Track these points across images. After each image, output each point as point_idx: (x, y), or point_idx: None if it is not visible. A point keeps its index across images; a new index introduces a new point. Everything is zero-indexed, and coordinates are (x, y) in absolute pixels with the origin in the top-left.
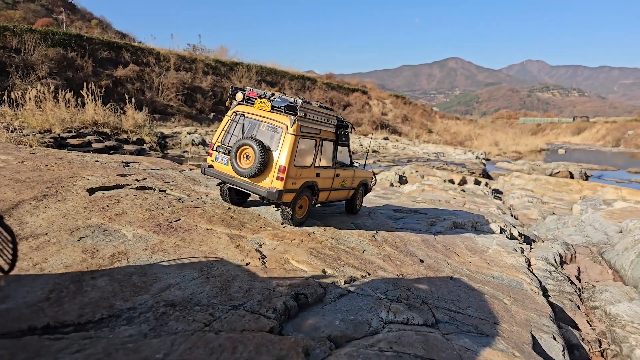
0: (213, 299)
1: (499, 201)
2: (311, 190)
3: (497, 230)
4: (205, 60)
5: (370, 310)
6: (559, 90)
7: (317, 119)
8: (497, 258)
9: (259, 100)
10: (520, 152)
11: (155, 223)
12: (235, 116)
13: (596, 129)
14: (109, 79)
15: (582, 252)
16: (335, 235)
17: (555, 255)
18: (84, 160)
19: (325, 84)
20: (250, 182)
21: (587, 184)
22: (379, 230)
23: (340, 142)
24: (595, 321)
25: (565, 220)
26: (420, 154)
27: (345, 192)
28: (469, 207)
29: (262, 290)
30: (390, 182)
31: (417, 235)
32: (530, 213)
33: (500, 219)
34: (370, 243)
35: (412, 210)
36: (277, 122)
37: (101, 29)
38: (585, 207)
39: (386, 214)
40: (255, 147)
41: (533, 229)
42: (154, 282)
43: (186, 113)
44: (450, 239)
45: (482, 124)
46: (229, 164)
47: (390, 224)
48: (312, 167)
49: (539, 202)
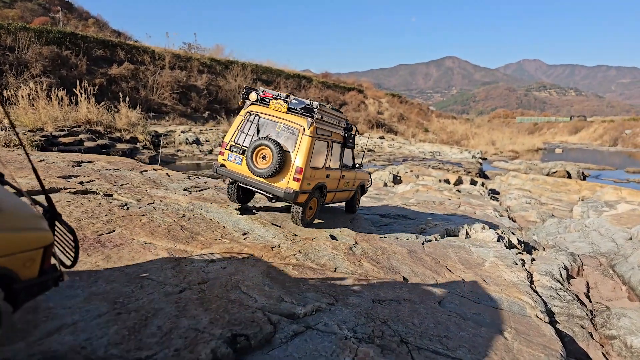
0: (113, 349)
1: (496, 202)
2: (320, 191)
3: (494, 238)
4: (201, 59)
5: (330, 358)
6: (556, 89)
7: (330, 122)
8: (495, 273)
9: (274, 101)
10: (517, 152)
11: (79, 236)
12: (250, 116)
13: (593, 129)
14: (103, 78)
15: (590, 264)
16: (305, 248)
17: (561, 268)
18: (25, 160)
19: (321, 82)
20: (267, 183)
21: (586, 184)
22: (360, 240)
23: (347, 145)
24: (614, 355)
25: (567, 224)
26: (416, 153)
27: (347, 194)
28: (464, 208)
29: (188, 331)
30: (384, 182)
31: (402, 247)
32: (528, 215)
33: (498, 223)
34: (346, 258)
35: (400, 215)
36: (294, 123)
37: (97, 28)
38: (586, 209)
39: (371, 219)
40: (273, 147)
41: (532, 233)
42: (44, 321)
43: (181, 112)
44: (442, 249)
45: (478, 123)
46: (243, 164)
47: (374, 231)
48: (324, 168)
49: (537, 203)
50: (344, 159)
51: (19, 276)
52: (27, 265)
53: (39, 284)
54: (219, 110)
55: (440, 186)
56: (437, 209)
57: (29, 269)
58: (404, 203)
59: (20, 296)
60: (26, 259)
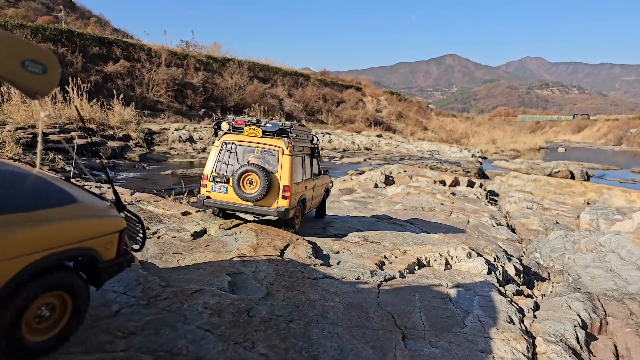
0: None
1: (494, 207)
2: (303, 202)
3: (483, 270)
4: (197, 57)
5: None
6: (559, 87)
7: (302, 138)
8: (478, 346)
9: (248, 127)
10: (518, 151)
11: None
12: (226, 145)
13: (597, 127)
14: (98, 75)
15: (617, 314)
16: (163, 322)
17: (577, 326)
18: None
19: (319, 80)
20: (257, 206)
21: (592, 185)
22: (279, 288)
23: (314, 155)
24: None
25: (575, 239)
26: (414, 151)
27: (318, 200)
28: (457, 216)
29: None
30: (375, 183)
31: (343, 296)
32: (529, 222)
33: (494, 236)
34: (232, 331)
35: (362, 237)
36: (272, 145)
37: (100, 27)
38: (595, 216)
39: (321, 243)
40: (259, 172)
41: (534, 248)
42: None
43: (176, 109)
44: (406, 295)
45: (479, 121)
46: (229, 192)
47: (310, 268)
48: (303, 181)
49: (539, 208)
50: (312, 173)
51: (102, 257)
52: (107, 247)
53: (117, 264)
54: (215, 108)
55: (434, 188)
56: (426, 215)
57: (109, 250)
58: (389, 209)
59: (102, 275)
60: (107, 241)
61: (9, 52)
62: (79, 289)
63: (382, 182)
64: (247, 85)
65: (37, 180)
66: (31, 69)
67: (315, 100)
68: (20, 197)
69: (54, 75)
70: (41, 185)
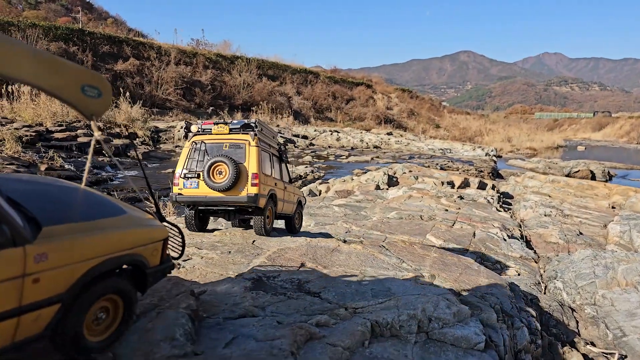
0: None
1: (506, 213)
2: (273, 200)
3: (478, 342)
4: (207, 55)
5: None
6: (578, 84)
7: (268, 135)
8: None
9: (215, 127)
10: (535, 149)
11: None
12: (196, 144)
13: (619, 125)
14: (108, 73)
15: None
16: None
17: None
18: None
19: (329, 77)
20: (228, 196)
21: (616, 187)
22: None
23: (283, 159)
24: None
25: (609, 263)
26: (425, 150)
27: (291, 206)
28: (461, 226)
29: None
30: (377, 184)
31: None
32: (547, 234)
33: (496, 286)
34: None
35: (292, 281)
36: (239, 140)
37: (116, 27)
38: (627, 227)
39: (232, 303)
40: (228, 161)
41: (554, 271)
42: None
43: (184, 107)
44: None
45: (494, 119)
46: (201, 186)
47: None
48: (272, 176)
49: (559, 215)
50: (282, 176)
51: (149, 263)
52: (153, 254)
53: (161, 271)
54: (223, 106)
55: (440, 191)
56: (423, 227)
57: (154, 257)
58: (380, 218)
59: (148, 280)
60: (153, 249)
61: (71, 79)
62: (130, 294)
63: (384, 183)
64: (256, 83)
65: (90, 194)
66: (89, 93)
67: (325, 97)
68: (81, 207)
69: (107, 98)
70: (95, 197)
